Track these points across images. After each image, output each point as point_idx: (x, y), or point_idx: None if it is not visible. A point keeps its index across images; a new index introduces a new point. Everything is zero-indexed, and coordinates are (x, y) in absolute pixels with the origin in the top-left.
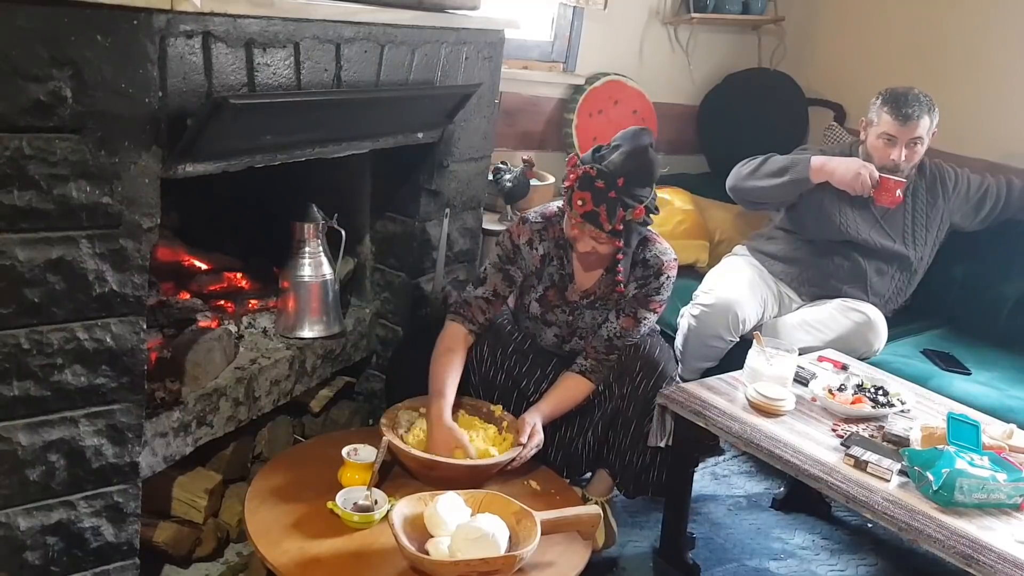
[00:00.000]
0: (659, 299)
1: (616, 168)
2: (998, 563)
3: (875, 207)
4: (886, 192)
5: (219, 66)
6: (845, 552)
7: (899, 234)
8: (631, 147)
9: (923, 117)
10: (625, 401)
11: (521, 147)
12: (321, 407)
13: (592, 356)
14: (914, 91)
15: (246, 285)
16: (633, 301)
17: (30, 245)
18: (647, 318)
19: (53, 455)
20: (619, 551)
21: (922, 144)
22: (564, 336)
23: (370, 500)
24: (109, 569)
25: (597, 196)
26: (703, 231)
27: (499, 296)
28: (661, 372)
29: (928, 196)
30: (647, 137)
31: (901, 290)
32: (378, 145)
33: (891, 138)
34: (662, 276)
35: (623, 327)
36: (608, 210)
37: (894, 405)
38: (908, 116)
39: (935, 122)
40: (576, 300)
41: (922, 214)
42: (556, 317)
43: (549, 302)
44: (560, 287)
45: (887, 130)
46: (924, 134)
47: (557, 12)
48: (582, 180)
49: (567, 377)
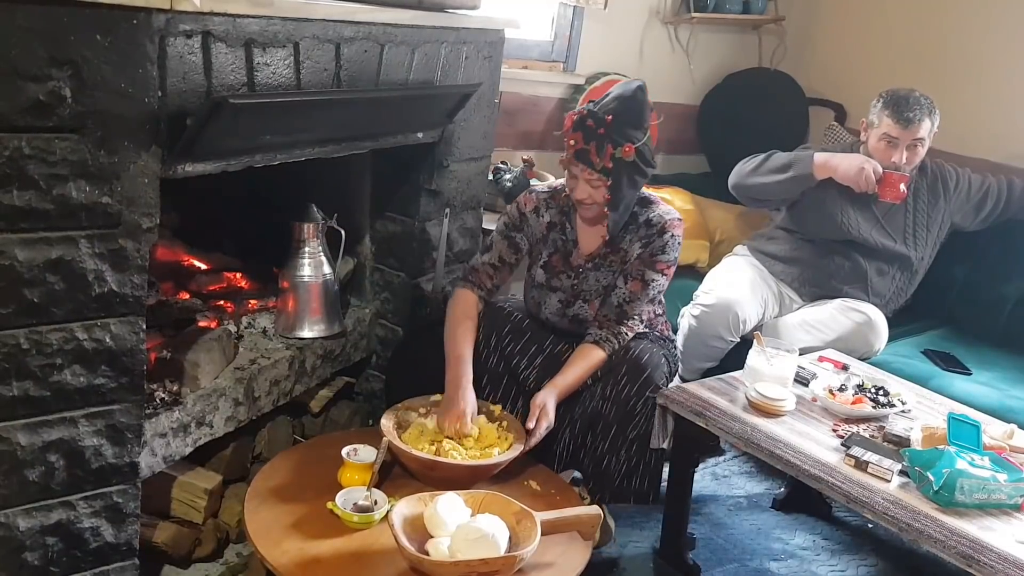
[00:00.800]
0: (665, 259)
1: (606, 109)
2: (998, 563)
3: (877, 206)
4: (890, 187)
5: (219, 66)
6: (846, 552)
7: (900, 234)
8: (621, 91)
9: (924, 120)
10: (607, 404)
11: (521, 147)
12: (321, 407)
13: (604, 325)
14: (915, 93)
15: (246, 285)
16: (639, 263)
17: (30, 245)
18: (655, 280)
19: (52, 455)
20: (619, 551)
21: (923, 146)
22: (568, 300)
23: (370, 500)
24: (109, 569)
25: (587, 134)
26: (703, 231)
27: (504, 263)
28: (646, 379)
29: (929, 196)
30: (638, 83)
31: (902, 290)
32: (378, 145)
33: (892, 140)
34: (666, 234)
35: (631, 291)
36: (597, 147)
37: (895, 405)
38: (909, 120)
39: (936, 123)
40: (580, 264)
41: (923, 214)
42: (561, 282)
43: (554, 268)
44: (564, 253)
45: (888, 132)
46: (925, 136)
47: (557, 12)
48: (576, 122)
49: (581, 348)
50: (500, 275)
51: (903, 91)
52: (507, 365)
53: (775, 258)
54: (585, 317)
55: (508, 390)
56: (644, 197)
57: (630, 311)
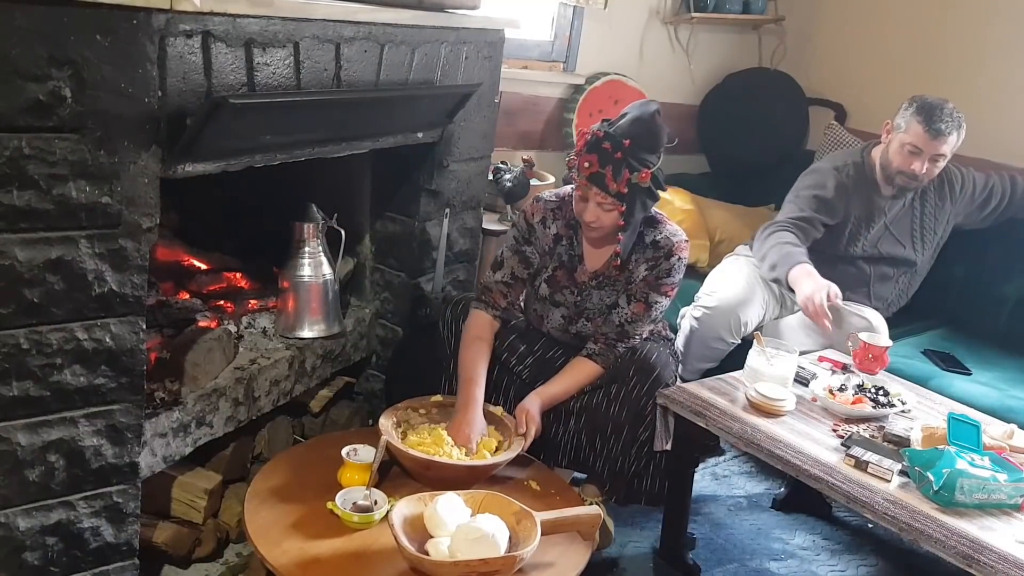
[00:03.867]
0: (670, 282)
1: (624, 131)
2: (998, 563)
3: (885, 215)
4: (877, 362)
5: (219, 66)
6: (845, 552)
7: (907, 239)
8: (638, 113)
9: (952, 134)
10: (617, 405)
11: (521, 147)
12: (321, 407)
13: (601, 341)
14: (948, 105)
15: (246, 285)
16: (643, 284)
17: (30, 245)
18: (658, 302)
19: (52, 455)
20: (619, 551)
21: (943, 160)
22: (571, 317)
23: (370, 500)
24: (108, 569)
25: (603, 157)
26: (703, 231)
27: (517, 279)
28: (656, 378)
29: (937, 199)
30: (655, 106)
31: (903, 292)
32: (378, 145)
33: (917, 150)
34: (672, 257)
35: (635, 312)
36: (614, 171)
37: (895, 405)
38: (939, 132)
39: (961, 139)
40: (584, 281)
41: (930, 217)
42: (564, 298)
43: (558, 282)
44: (569, 268)
45: (915, 141)
46: (948, 152)
47: (557, 12)
48: (590, 143)
49: (575, 361)
50: (514, 292)
51: (936, 100)
52: (496, 358)
53: None
54: (589, 334)
55: (500, 380)
56: (650, 216)
57: (631, 331)
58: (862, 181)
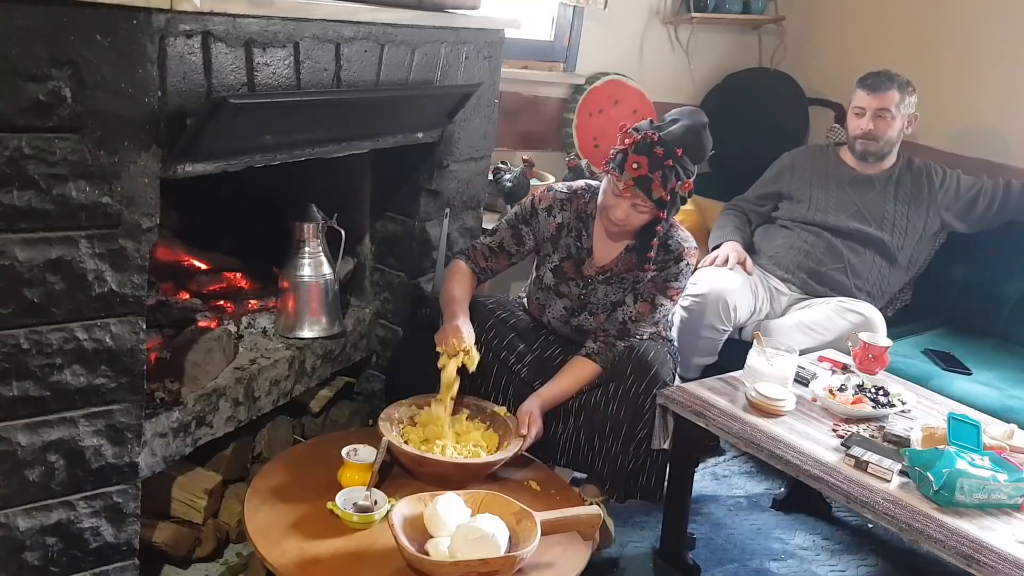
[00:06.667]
0: (677, 286)
1: (676, 138)
2: (999, 563)
3: (855, 192)
4: (876, 362)
5: (219, 66)
6: (845, 552)
7: (877, 221)
8: (691, 122)
9: (891, 90)
10: (615, 404)
11: (521, 147)
12: (321, 407)
13: (602, 339)
14: (889, 71)
15: (246, 285)
16: (651, 285)
17: (29, 245)
18: (663, 304)
19: (52, 455)
20: (619, 551)
21: (891, 118)
22: (573, 309)
23: (370, 500)
24: (108, 569)
25: (654, 162)
26: (703, 231)
27: (504, 250)
28: (653, 376)
29: (912, 188)
30: (704, 117)
31: (884, 277)
32: (378, 145)
33: (860, 110)
34: (682, 262)
35: (639, 312)
36: (662, 177)
37: (895, 405)
38: (874, 86)
39: (910, 102)
40: (591, 275)
41: (903, 203)
42: (568, 289)
43: (564, 273)
44: (576, 260)
45: (857, 103)
46: (892, 107)
47: (557, 12)
48: (640, 144)
49: (574, 360)
50: (496, 260)
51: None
52: (495, 357)
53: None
54: (589, 328)
55: (499, 378)
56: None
57: (633, 330)
58: (819, 157)
